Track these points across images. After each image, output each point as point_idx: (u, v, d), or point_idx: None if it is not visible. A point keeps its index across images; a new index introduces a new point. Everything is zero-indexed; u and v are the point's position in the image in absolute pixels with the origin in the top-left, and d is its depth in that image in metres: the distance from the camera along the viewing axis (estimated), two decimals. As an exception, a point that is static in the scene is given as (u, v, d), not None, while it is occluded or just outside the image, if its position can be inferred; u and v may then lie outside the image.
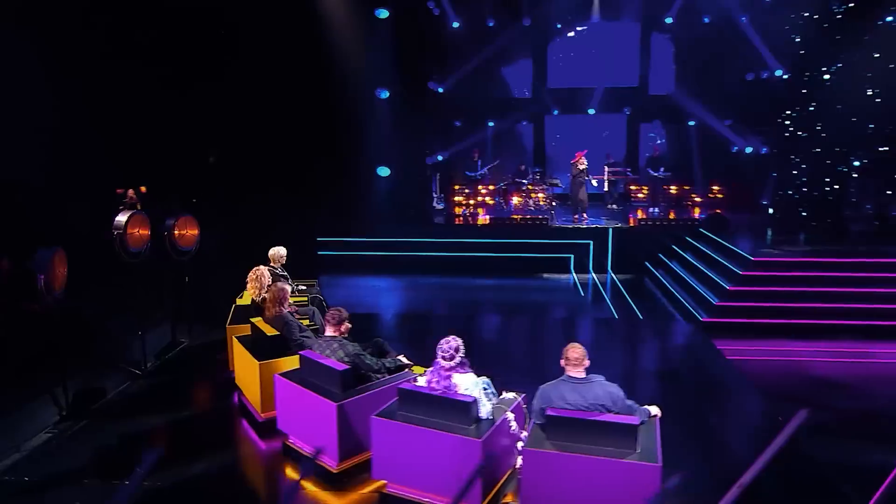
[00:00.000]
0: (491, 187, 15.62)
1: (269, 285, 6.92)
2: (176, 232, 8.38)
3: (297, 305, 7.00)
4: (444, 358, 4.44)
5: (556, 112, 16.34)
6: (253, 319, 6.00)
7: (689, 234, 13.10)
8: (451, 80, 15.69)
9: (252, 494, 4.92)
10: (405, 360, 5.40)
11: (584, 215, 14.06)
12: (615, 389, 4.17)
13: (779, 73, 13.71)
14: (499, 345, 8.95)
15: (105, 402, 6.34)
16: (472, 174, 15.25)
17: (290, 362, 5.51)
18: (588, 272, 13.30)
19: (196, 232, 8.77)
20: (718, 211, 14.04)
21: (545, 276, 13.27)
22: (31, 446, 5.53)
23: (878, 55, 11.97)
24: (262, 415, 5.56)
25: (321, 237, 13.74)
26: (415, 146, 15.08)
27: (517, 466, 4.66)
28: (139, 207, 9.30)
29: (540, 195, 15.37)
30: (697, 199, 15.41)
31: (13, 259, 7.54)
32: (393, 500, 4.49)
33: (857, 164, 12.52)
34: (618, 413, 4.09)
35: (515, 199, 15.52)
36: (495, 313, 10.71)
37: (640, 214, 14.53)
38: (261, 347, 5.62)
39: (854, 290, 9.79)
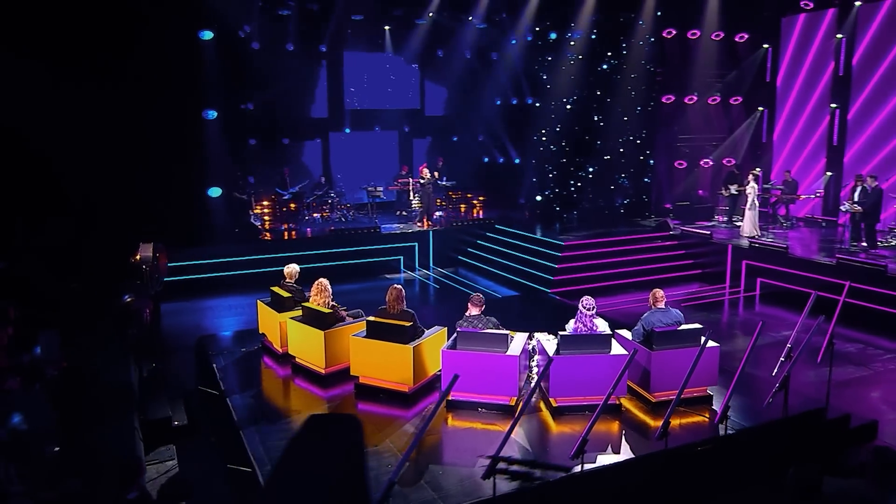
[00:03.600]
0: (292, 204, 17.31)
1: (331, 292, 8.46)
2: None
3: (343, 309, 8.64)
4: (587, 309, 7.22)
5: (347, 130, 18.78)
6: (371, 318, 7.67)
7: (487, 230, 17.11)
8: (254, 101, 16.93)
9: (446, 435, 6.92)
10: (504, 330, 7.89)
11: (431, 221, 16.94)
12: (679, 312, 7.53)
13: (530, 100, 18.63)
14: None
15: (241, 417, 7.22)
16: (284, 192, 16.77)
17: (431, 342, 7.53)
18: (415, 269, 16.30)
19: (167, 260, 9.33)
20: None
21: (387, 276, 15.83)
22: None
23: (599, 92, 17.61)
24: (411, 387, 7.42)
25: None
26: (236, 165, 16.08)
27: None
28: None
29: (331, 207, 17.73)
30: (476, 202, 19.57)
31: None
32: (566, 409, 7.10)
33: (591, 169, 18.05)
34: (684, 324, 7.48)
35: (324, 212, 17.59)
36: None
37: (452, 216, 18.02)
38: (396, 336, 7.42)
39: (623, 259, 14.90)
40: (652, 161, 17.99)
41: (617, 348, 7.23)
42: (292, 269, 9.23)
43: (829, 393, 7.18)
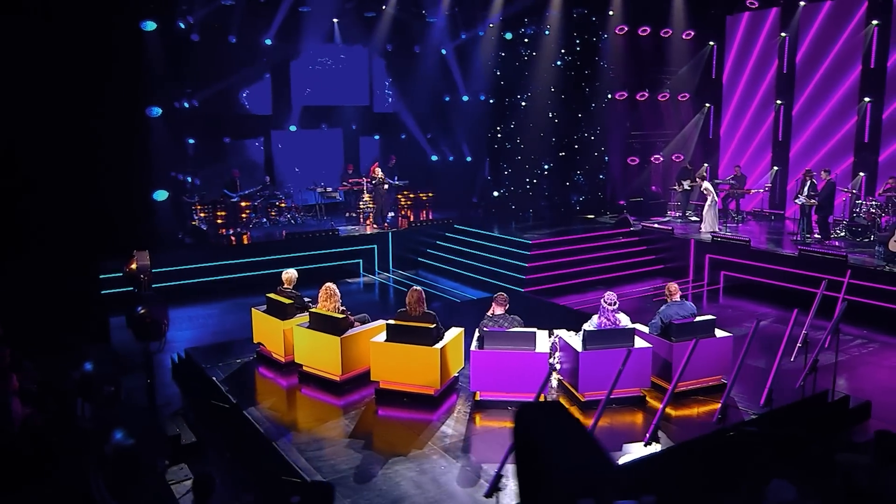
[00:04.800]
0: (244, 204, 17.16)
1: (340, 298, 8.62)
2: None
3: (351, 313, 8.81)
4: (609, 304, 7.73)
5: (293, 128, 18.71)
6: (392, 321, 7.89)
7: (445, 230, 17.49)
8: (194, 97, 16.64)
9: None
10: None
11: (387, 222, 17.07)
12: (692, 304, 8.18)
13: (483, 97, 19.16)
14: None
15: (268, 430, 7.27)
16: (233, 194, 16.54)
17: (452, 343, 7.86)
18: (375, 273, 16.48)
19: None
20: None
21: (347, 280, 15.92)
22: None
23: (553, 89, 18.34)
24: (438, 389, 7.71)
25: (107, 274, 13.53)
26: (181, 165, 15.79)
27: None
28: None
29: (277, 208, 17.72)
30: (426, 200, 19.91)
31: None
32: (595, 403, 7.57)
33: (546, 167, 18.77)
34: (697, 317, 8.13)
35: (272, 214, 17.52)
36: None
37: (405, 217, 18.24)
38: (420, 339, 7.69)
39: (589, 256, 15.65)
40: (607, 158, 18.88)
41: (639, 342, 7.78)
42: (291, 274, 9.34)
43: (836, 377, 8.01)
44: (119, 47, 13.57)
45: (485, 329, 7.66)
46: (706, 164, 19.60)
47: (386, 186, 17.10)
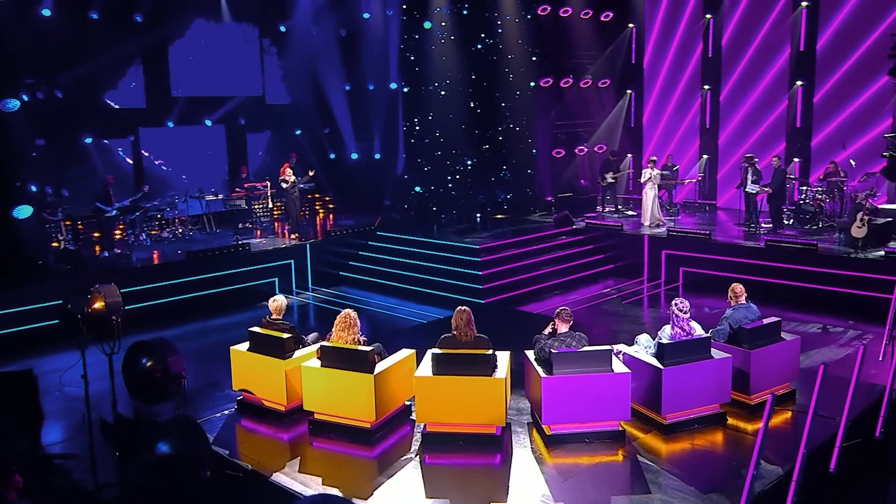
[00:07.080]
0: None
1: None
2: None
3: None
4: (682, 311, 7.52)
5: (170, 124, 17.08)
6: (439, 350, 7.18)
7: (367, 238, 16.73)
8: (46, 86, 14.77)
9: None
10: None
11: (298, 233, 16.15)
12: (755, 306, 8.19)
13: (393, 85, 18.52)
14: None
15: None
16: (108, 208, 14.78)
17: (508, 370, 7.33)
18: (293, 292, 15.39)
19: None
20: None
21: (265, 303, 14.64)
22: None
23: (474, 76, 18.10)
24: (501, 426, 7.13)
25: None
26: (38, 173, 13.92)
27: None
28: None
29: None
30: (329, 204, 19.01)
31: None
32: (678, 426, 7.33)
33: (469, 162, 18.48)
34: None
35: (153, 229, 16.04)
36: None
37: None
38: (476, 369, 7.06)
39: (539, 259, 15.56)
40: (535, 150, 18.90)
41: (715, 352, 7.65)
42: (280, 302, 8.39)
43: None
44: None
45: (553, 350, 7.18)
46: (630, 155, 20.32)
47: (297, 191, 16.07)
